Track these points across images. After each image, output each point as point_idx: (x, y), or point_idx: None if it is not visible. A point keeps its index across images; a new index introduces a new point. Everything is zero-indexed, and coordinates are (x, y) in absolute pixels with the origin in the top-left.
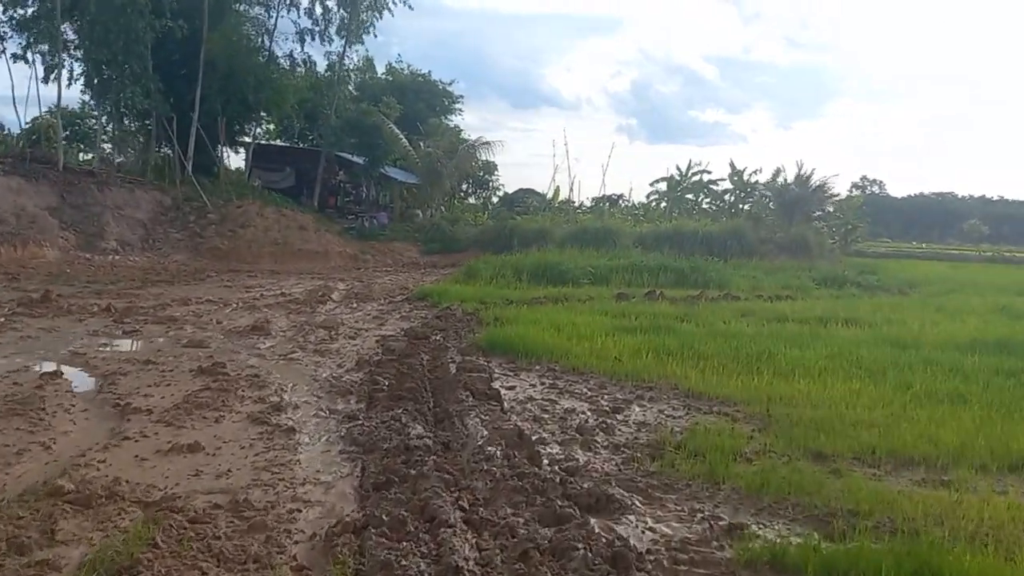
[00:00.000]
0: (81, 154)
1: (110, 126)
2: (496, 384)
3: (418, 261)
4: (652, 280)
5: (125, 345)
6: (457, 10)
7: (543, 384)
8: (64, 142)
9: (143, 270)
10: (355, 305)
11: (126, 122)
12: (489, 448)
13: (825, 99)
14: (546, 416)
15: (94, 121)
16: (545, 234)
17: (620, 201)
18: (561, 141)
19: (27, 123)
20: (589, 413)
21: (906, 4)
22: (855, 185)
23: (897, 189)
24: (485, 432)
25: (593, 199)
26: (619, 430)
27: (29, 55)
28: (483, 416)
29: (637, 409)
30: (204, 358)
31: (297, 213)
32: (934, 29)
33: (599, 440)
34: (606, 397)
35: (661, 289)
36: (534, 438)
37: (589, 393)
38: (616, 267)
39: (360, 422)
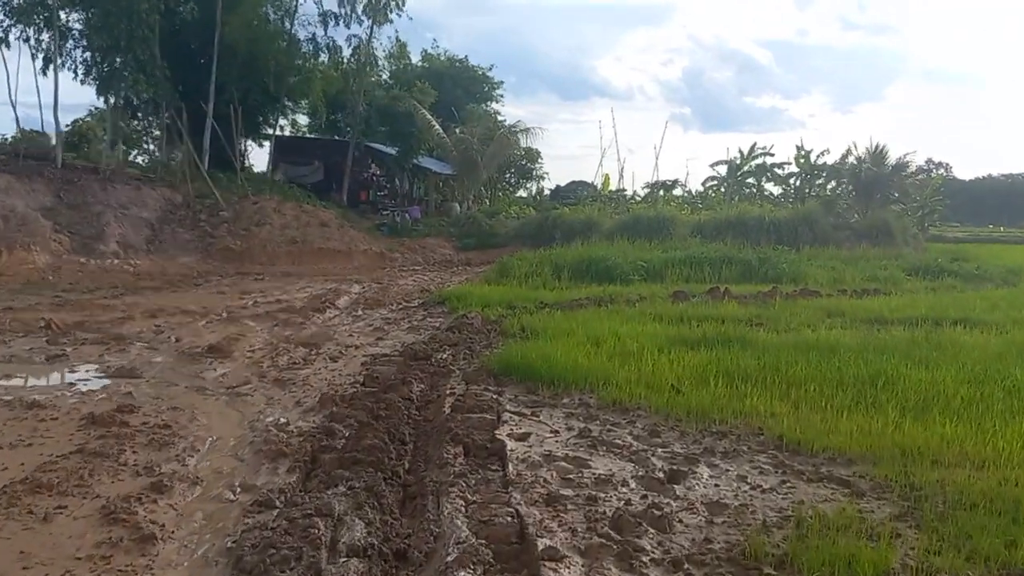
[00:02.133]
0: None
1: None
2: (503, 432)
3: (451, 258)
4: (714, 275)
5: (25, 378)
6: (503, 5)
7: (570, 430)
8: (104, 143)
9: (138, 275)
10: (360, 313)
11: (140, 116)
12: (461, 573)
13: (885, 81)
14: (568, 492)
15: (136, 122)
16: (592, 226)
17: (676, 187)
18: (608, 128)
19: (67, 125)
20: (634, 484)
21: None
22: (920, 168)
23: (964, 171)
24: (465, 531)
25: (646, 184)
26: (680, 521)
27: (27, 46)
28: (471, 494)
29: (706, 474)
30: (116, 397)
31: (319, 209)
32: (995, 4)
33: (647, 545)
34: (660, 453)
35: (726, 286)
36: (541, 545)
37: (635, 445)
38: (672, 260)
39: (273, 516)
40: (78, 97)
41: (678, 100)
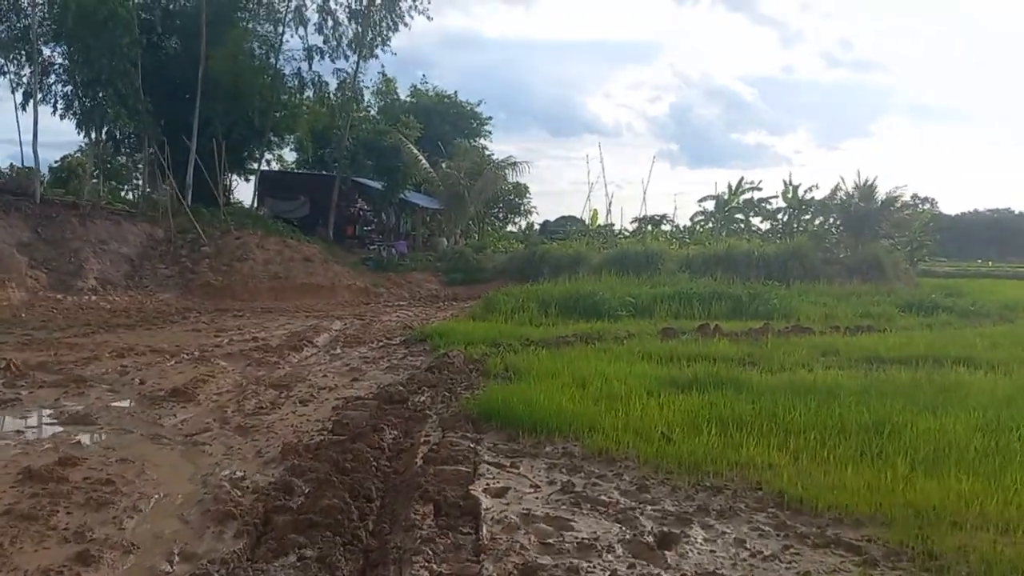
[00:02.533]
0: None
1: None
2: (479, 487)
3: (438, 294)
4: (704, 311)
5: None
6: (494, 41)
7: (552, 484)
8: (95, 180)
9: (113, 311)
10: (338, 351)
11: (125, 151)
12: None
13: (870, 118)
14: (546, 560)
15: (122, 157)
16: (579, 260)
17: (664, 222)
18: (596, 161)
19: (55, 162)
20: (620, 550)
21: (948, 19)
22: (906, 204)
23: (949, 207)
24: None
25: (634, 219)
26: None
27: (6, 79)
28: (438, 563)
29: (700, 537)
30: (63, 447)
31: (303, 244)
32: (979, 44)
33: None
34: (649, 511)
35: (716, 322)
36: None
37: (622, 502)
38: (661, 296)
39: None
40: (67, 134)
41: (666, 136)
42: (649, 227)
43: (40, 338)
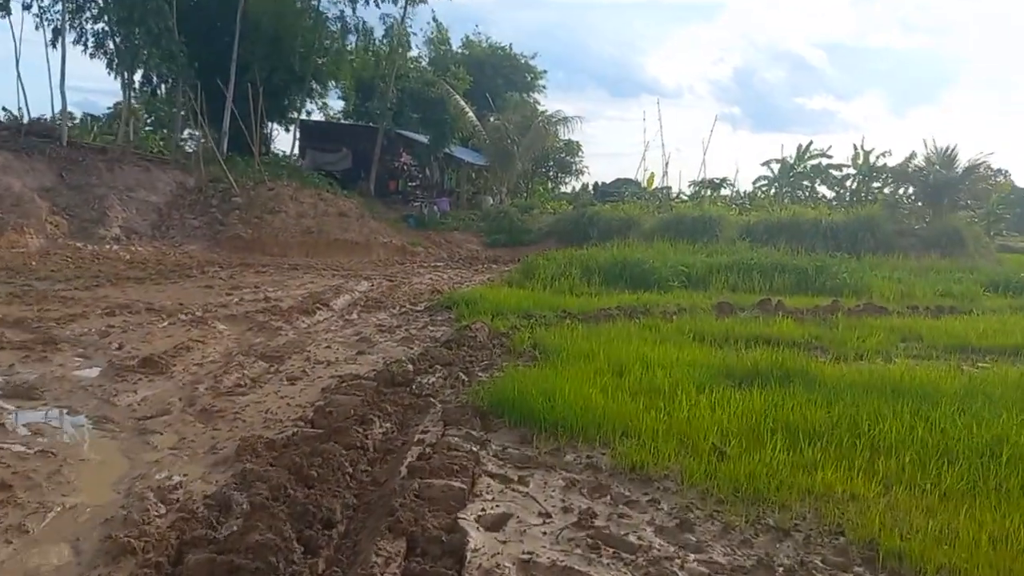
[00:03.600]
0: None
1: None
2: (471, 513)
3: (477, 255)
4: (765, 284)
5: None
6: (557, 0)
7: (567, 512)
8: (149, 128)
9: (131, 263)
10: (353, 317)
11: (160, 94)
12: None
13: (943, 84)
14: None
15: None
16: (631, 224)
17: (724, 185)
18: (653, 122)
19: (108, 108)
20: None
21: None
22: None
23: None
24: None
25: (692, 183)
26: None
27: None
28: None
29: None
30: None
31: (339, 198)
32: None
33: None
34: (692, 563)
35: (778, 297)
36: None
37: (656, 547)
38: (717, 266)
39: None
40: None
41: (728, 99)
42: (708, 191)
43: (38, 289)
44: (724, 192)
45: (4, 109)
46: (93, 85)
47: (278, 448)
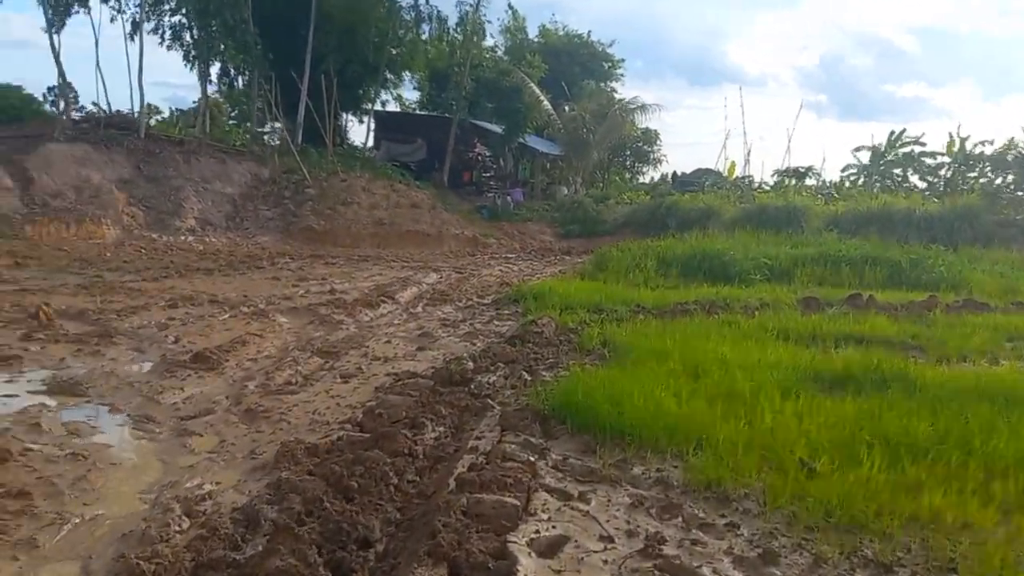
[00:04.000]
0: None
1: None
2: (523, 536)
3: (551, 246)
4: (855, 277)
5: None
6: None
7: (632, 536)
8: (233, 121)
9: (202, 254)
10: (418, 310)
11: (236, 86)
12: None
13: None
14: None
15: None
16: (710, 214)
17: (809, 175)
18: (733, 110)
19: (193, 102)
20: None
21: None
22: None
23: None
24: None
25: (776, 171)
26: None
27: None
28: None
29: None
30: (16, 430)
31: (412, 189)
32: None
33: None
34: None
35: (869, 292)
36: None
37: None
38: (803, 258)
39: None
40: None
41: (813, 87)
42: (792, 180)
43: (107, 280)
44: (809, 182)
45: (94, 104)
46: (181, 81)
47: (320, 454)
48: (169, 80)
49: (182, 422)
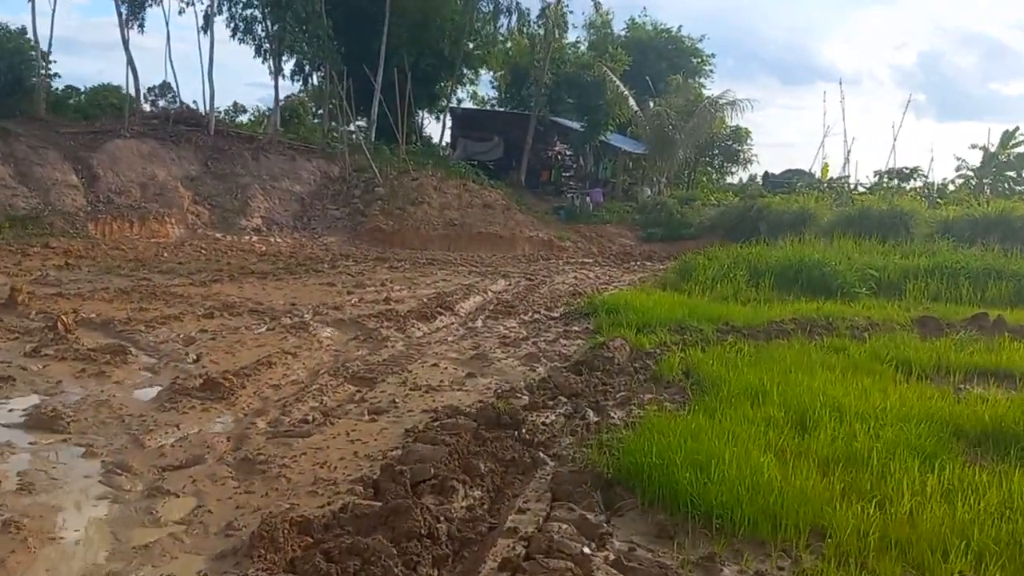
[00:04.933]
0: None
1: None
2: None
3: (631, 251)
4: (975, 293)
5: None
6: None
7: None
8: (316, 120)
9: (263, 256)
10: (477, 324)
11: (311, 82)
12: None
13: None
14: None
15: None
16: (806, 219)
17: (915, 176)
18: (836, 102)
19: (280, 101)
20: None
21: None
22: None
23: None
24: None
25: (876, 173)
26: None
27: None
28: None
29: None
30: None
31: (485, 188)
32: None
33: None
34: None
35: (996, 311)
36: None
37: None
38: (913, 270)
39: None
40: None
41: (911, 86)
42: (895, 182)
43: (153, 284)
44: (913, 184)
45: (183, 103)
46: (269, 80)
47: (312, 532)
48: (265, 80)
49: (161, 475)
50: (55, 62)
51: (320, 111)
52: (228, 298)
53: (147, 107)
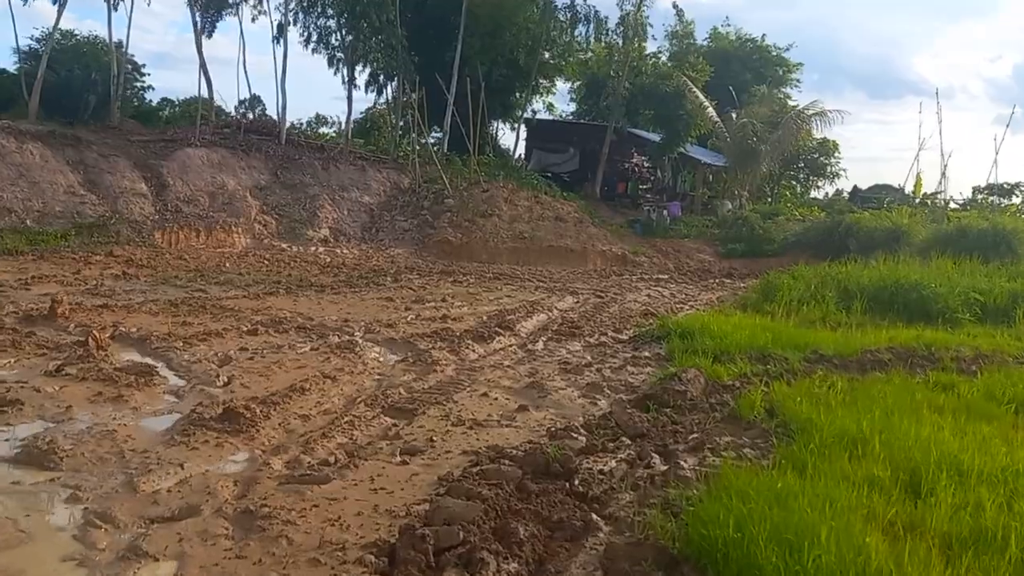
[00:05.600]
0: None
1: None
2: None
3: (709, 267)
4: None
5: None
6: None
7: None
8: (399, 132)
9: (326, 267)
10: (539, 346)
11: (385, 93)
12: None
13: None
14: None
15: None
16: (898, 237)
17: (1016, 192)
18: (932, 113)
19: (360, 113)
20: None
21: None
22: None
23: None
24: None
25: (974, 189)
26: None
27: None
28: None
29: None
30: None
31: (557, 201)
32: None
33: None
34: None
35: None
36: None
37: None
38: (1023, 293)
39: None
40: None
41: (1007, 99)
42: (993, 197)
43: (206, 296)
44: (1014, 200)
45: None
46: (358, 95)
47: None
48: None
49: (146, 529)
50: (148, 75)
51: (400, 123)
52: (279, 312)
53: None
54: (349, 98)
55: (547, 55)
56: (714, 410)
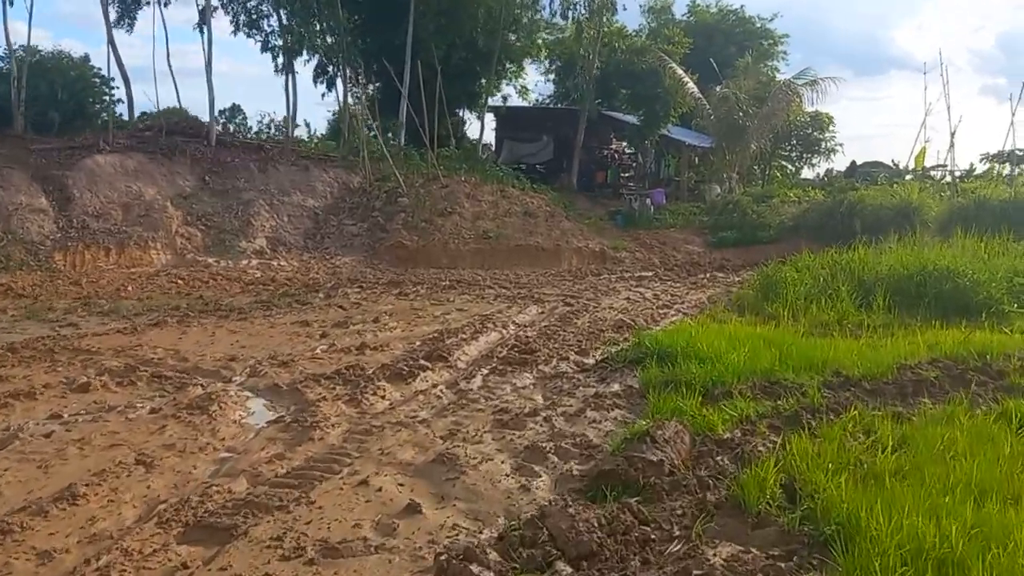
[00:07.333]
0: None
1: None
2: None
3: (698, 259)
4: None
5: None
6: None
7: None
8: (372, 132)
9: (247, 285)
10: (475, 384)
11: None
12: None
13: None
14: None
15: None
16: (909, 214)
17: None
18: (936, 80)
19: (332, 114)
20: None
21: None
22: None
23: None
24: None
25: (983, 156)
26: None
27: None
28: None
29: None
30: None
31: (526, 194)
32: None
33: None
34: None
35: None
36: None
37: None
38: None
39: None
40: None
41: (991, 70)
42: (1007, 166)
43: (73, 333)
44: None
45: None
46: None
47: None
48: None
49: None
50: (117, 88)
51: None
52: (150, 352)
53: (219, 129)
54: (287, 89)
55: (512, 36)
56: (704, 490)
